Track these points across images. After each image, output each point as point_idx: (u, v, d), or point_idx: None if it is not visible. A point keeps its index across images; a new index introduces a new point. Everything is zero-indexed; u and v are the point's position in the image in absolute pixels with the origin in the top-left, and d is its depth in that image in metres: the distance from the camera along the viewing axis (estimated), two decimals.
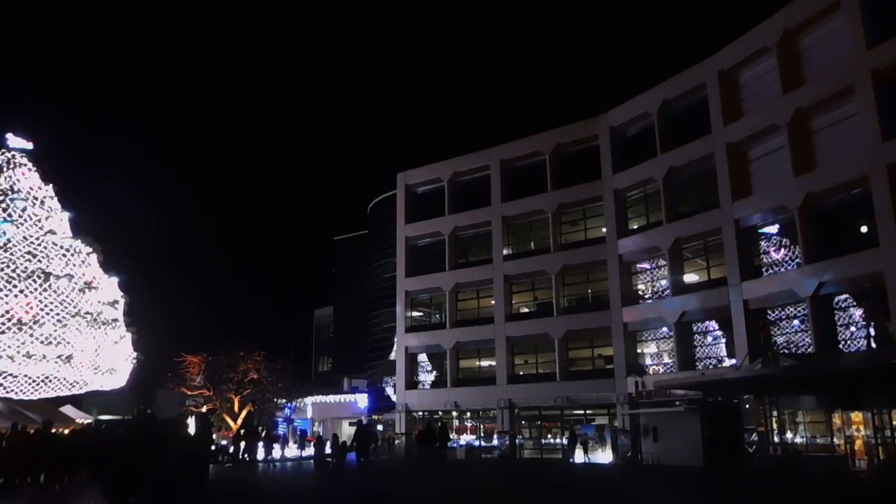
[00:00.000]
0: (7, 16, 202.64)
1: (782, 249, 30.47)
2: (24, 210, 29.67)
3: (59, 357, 27.88)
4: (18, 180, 30.29)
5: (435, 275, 45.30)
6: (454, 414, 43.45)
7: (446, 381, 43.64)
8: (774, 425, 27.47)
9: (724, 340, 32.88)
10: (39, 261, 28.72)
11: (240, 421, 38.93)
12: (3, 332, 26.81)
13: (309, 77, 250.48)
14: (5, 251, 28.22)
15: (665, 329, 35.72)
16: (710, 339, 33.74)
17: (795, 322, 29.38)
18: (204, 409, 40.90)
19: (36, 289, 28.02)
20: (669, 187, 35.67)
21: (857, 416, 24.84)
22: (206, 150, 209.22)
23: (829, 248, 27.71)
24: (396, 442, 44.69)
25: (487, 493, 20.56)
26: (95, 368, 29.73)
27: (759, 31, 31.30)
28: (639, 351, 37.47)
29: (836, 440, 25.39)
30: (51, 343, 27.66)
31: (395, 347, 49.81)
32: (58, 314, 28.24)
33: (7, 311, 27.17)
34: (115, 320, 31.30)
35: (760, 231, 31.64)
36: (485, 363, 43.32)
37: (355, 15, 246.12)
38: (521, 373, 41.91)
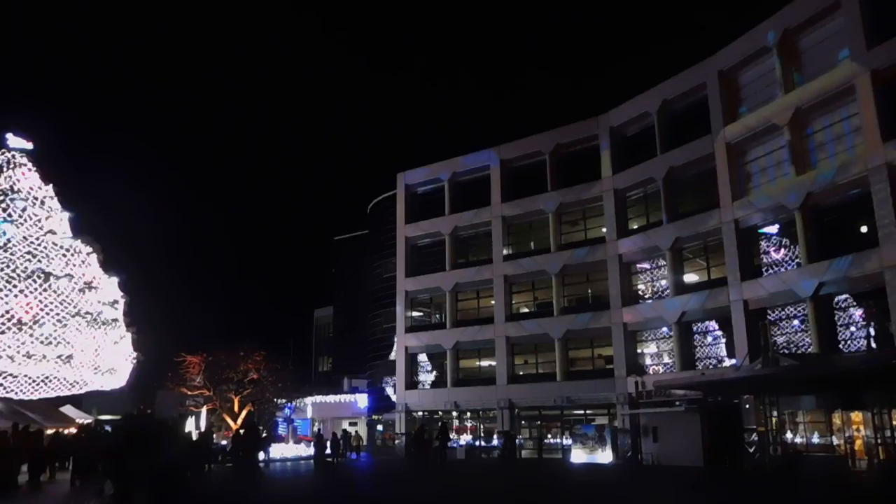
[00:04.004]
0: (7, 16, 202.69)
1: (782, 249, 30.47)
2: (24, 210, 29.65)
3: (59, 357, 27.86)
4: (18, 180, 30.27)
5: (435, 275, 45.30)
6: (454, 414, 43.45)
7: (446, 381, 43.64)
8: (774, 425, 27.45)
9: (724, 340, 32.88)
10: (39, 261, 28.70)
11: (240, 421, 38.86)
12: (3, 332, 26.80)
13: (309, 77, 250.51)
14: (5, 251, 28.20)
15: (665, 329, 35.72)
16: (710, 339, 33.74)
17: (795, 322, 29.39)
18: (205, 409, 40.93)
19: (36, 289, 28.00)
20: (669, 187, 35.68)
21: (857, 416, 24.83)
22: (207, 149, 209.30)
23: (829, 248, 27.71)
24: (396, 442, 44.77)
25: (484, 496, 20.55)
26: (95, 368, 29.72)
27: (759, 31, 31.31)
28: (639, 351, 37.47)
29: (836, 440, 25.38)
30: (51, 343, 27.63)
31: (395, 347, 49.81)
32: (58, 314, 28.23)
33: (7, 311, 27.15)
34: (115, 320, 31.29)
35: (760, 231, 31.64)
36: (485, 363, 43.32)
37: (355, 15, 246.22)
38: (521, 373, 41.90)
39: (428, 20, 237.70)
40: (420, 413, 44.20)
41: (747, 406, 29.07)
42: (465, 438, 42.33)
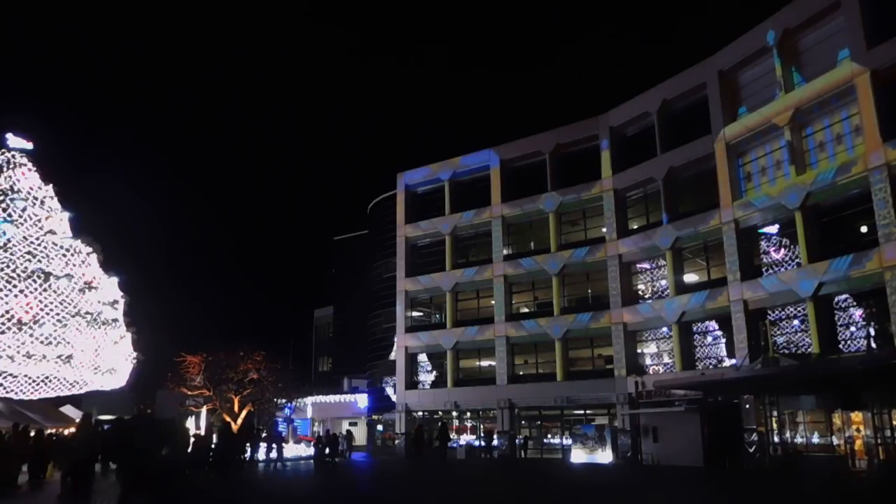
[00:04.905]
0: (7, 16, 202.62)
1: (782, 249, 30.46)
2: (24, 210, 29.68)
3: (59, 357, 27.88)
4: (18, 180, 30.30)
5: (435, 275, 45.28)
6: (454, 414, 43.45)
7: (446, 381, 43.62)
8: (774, 425, 27.48)
9: (724, 340, 32.87)
10: (39, 261, 28.72)
11: (240, 421, 38.89)
12: (3, 332, 26.80)
13: (309, 77, 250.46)
14: (5, 251, 28.22)
15: (665, 329, 35.70)
16: (710, 339, 33.73)
17: (795, 322, 29.38)
18: (205, 409, 40.93)
19: (36, 289, 28.01)
20: (669, 187, 35.67)
21: (857, 416, 24.85)
22: (207, 149, 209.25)
23: (829, 248, 27.71)
24: (396, 442, 44.79)
25: (483, 496, 20.55)
26: (95, 368, 29.74)
27: (759, 31, 31.30)
28: (639, 351, 37.45)
29: (836, 440, 25.41)
30: (51, 343, 27.65)
31: (395, 347, 49.80)
32: (58, 314, 28.24)
33: (7, 311, 27.16)
34: (115, 320, 31.31)
35: (760, 231, 31.63)
36: (485, 363, 43.30)
37: (356, 14, 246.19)
38: (521, 373, 41.89)
39: (428, 20, 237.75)
40: (420, 413, 44.19)
41: (747, 406, 29.08)
42: (466, 438, 42.29)
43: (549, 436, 39.78)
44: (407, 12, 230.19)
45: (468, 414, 43.17)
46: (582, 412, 38.49)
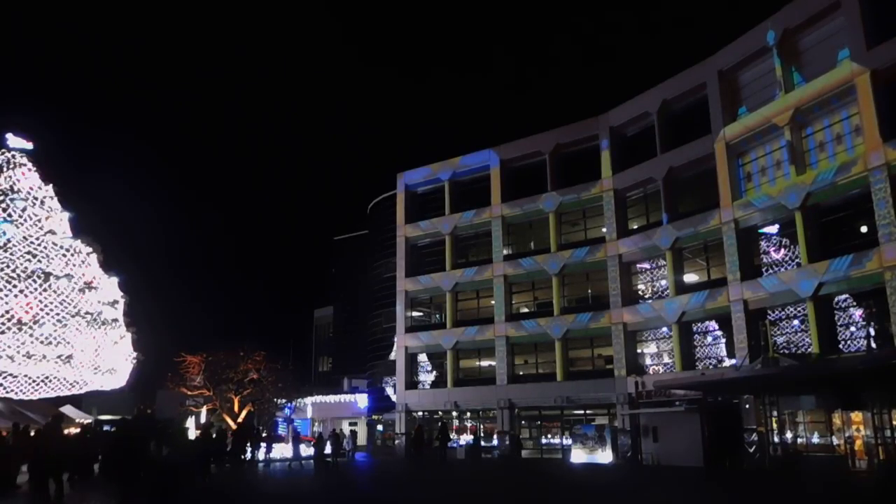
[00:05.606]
0: (7, 16, 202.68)
1: (782, 249, 30.47)
2: (24, 210, 29.65)
3: (59, 357, 27.86)
4: (18, 180, 30.28)
5: (435, 275, 45.29)
6: (454, 414, 43.45)
7: (446, 381, 43.63)
8: (774, 425, 27.47)
9: (724, 340, 32.87)
10: (39, 261, 28.70)
11: (240, 421, 38.92)
12: (3, 332, 26.79)
13: (309, 77, 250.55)
14: (5, 251, 28.20)
15: (665, 329, 35.70)
16: (710, 339, 33.73)
17: (795, 322, 29.38)
18: (205, 409, 40.96)
19: (36, 289, 28.00)
20: (669, 187, 35.67)
21: (857, 416, 24.84)
22: (207, 149, 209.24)
23: (829, 248, 27.71)
24: (396, 442, 44.80)
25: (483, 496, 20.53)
26: (95, 368, 29.72)
27: (759, 30, 31.31)
28: (639, 351, 37.45)
29: (836, 440, 25.40)
30: (51, 343, 27.63)
31: (395, 347, 49.80)
32: (58, 314, 28.23)
33: (7, 311, 27.15)
34: (115, 320, 31.30)
35: (760, 231, 31.63)
36: (485, 363, 43.30)
37: (355, 14, 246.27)
38: (521, 373, 41.89)
39: (428, 19, 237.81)
40: (420, 413, 44.19)
41: (747, 406, 29.07)
42: (466, 438, 42.28)
43: (549, 436, 39.82)
44: (407, 13, 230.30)
45: (468, 414, 43.17)
46: (582, 412, 38.49)
